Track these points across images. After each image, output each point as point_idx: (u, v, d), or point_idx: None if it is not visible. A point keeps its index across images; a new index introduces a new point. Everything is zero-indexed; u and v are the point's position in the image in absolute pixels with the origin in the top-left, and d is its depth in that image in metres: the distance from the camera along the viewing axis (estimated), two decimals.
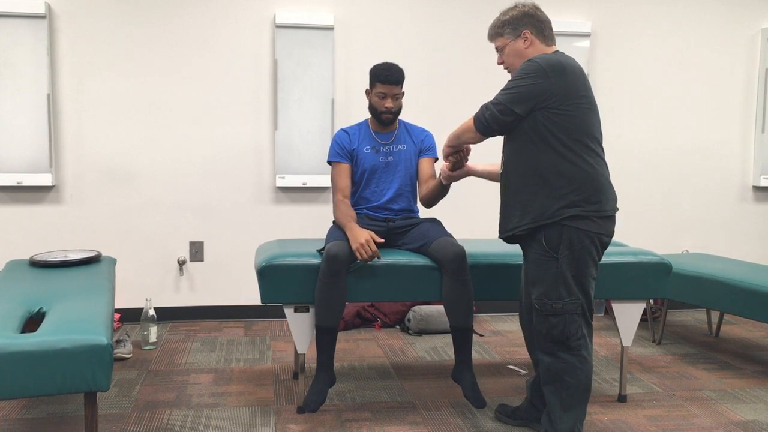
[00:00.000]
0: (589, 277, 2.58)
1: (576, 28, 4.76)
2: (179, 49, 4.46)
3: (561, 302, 2.55)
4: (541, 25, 2.63)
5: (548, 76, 2.48)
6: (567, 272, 2.54)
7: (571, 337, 2.57)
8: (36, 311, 2.66)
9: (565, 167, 2.51)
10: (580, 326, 2.58)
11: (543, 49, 2.63)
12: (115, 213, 4.47)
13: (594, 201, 2.53)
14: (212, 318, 4.66)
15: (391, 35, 4.66)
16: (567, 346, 2.57)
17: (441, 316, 4.33)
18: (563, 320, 2.56)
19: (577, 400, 2.60)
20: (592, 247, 2.55)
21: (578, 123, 2.52)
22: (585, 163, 2.53)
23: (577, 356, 2.58)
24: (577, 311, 2.57)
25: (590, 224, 2.52)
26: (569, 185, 2.51)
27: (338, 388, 3.39)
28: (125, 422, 3.00)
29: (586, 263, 2.56)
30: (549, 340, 2.60)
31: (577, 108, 2.51)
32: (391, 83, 3.17)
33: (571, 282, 2.55)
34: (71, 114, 4.39)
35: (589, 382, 2.62)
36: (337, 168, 3.29)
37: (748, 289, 3.59)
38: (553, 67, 2.49)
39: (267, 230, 4.55)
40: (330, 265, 2.94)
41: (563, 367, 2.58)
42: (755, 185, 5.15)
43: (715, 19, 5.01)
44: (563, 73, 2.50)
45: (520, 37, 2.62)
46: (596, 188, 2.53)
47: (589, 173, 2.53)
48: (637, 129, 4.99)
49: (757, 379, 3.66)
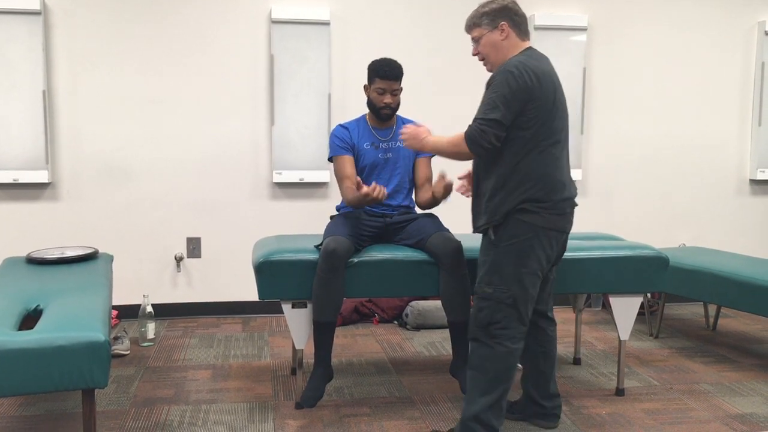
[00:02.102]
0: (526, 271, 2.60)
1: (573, 23, 4.76)
2: (175, 45, 4.45)
3: (492, 288, 2.60)
4: (518, 19, 2.67)
5: (525, 79, 2.51)
6: (507, 261, 2.59)
7: (495, 324, 2.61)
8: (33, 308, 2.66)
9: (521, 166, 2.56)
10: (507, 318, 2.60)
11: (517, 43, 2.66)
12: (111, 209, 4.47)
13: (544, 197, 2.58)
14: (210, 314, 4.66)
15: (386, 30, 4.65)
16: (490, 334, 2.61)
17: (438, 311, 4.33)
18: (490, 306, 2.61)
19: (493, 388, 2.62)
20: (536, 240, 2.59)
21: (539, 124, 2.56)
22: (540, 162, 2.57)
23: (498, 345, 2.61)
24: (506, 301, 2.59)
25: (536, 218, 2.57)
26: (522, 184, 2.56)
27: (336, 384, 3.39)
28: (123, 419, 3.00)
29: (527, 256, 2.59)
30: (475, 323, 2.66)
31: (539, 110, 2.55)
32: (391, 79, 3.16)
33: (508, 271, 2.59)
34: (67, 111, 4.38)
35: (508, 374, 2.63)
36: (341, 160, 3.24)
37: (745, 282, 3.59)
38: (528, 72, 2.53)
39: (264, 226, 4.55)
40: (328, 261, 2.93)
41: (484, 353, 2.63)
42: (752, 178, 5.15)
43: (712, 12, 5.01)
44: (537, 76, 2.54)
45: (497, 29, 2.65)
46: (549, 185, 2.58)
47: (543, 171, 2.57)
48: (633, 123, 4.99)
49: (754, 372, 3.67)
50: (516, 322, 2.62)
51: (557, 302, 4.83)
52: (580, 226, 4.75)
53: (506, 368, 2.63)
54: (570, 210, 2.68)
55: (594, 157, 4.96)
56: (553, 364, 2.93)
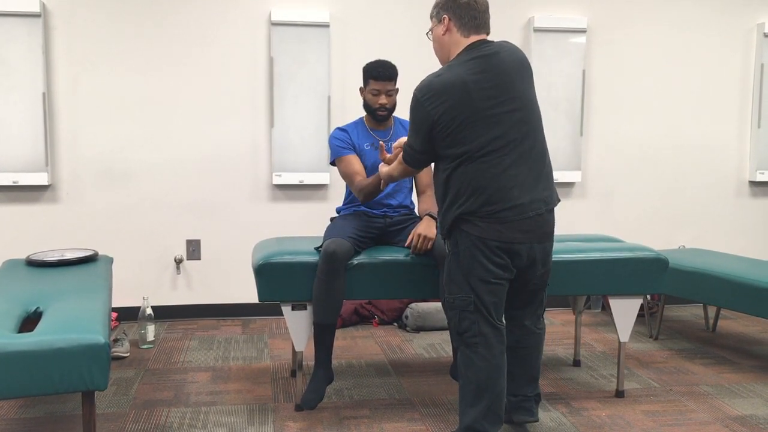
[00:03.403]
0: (476, 278, 2.53)
1: (572, 25, 4.76)
2: (175, 47, 4.45)
3: (452, 297, 2.60)
4: (460, 11, 2.49)
5: (424, 106, 2.48)
6: (457, 270, 2.58)
7: (466, 332, 2.57)
8: (33, 311, 2.66)
9: (451, 182, 2.52)
10: (474, 324, 2.54)
11: (458, 39, 2.52)
12: (111, 211, 4.46)
13: (477, 209, 2.48)
14: (210, 316, 4.66)
15: (386, 32, 4.65)
16: (464, 341, 2.59)
17: (438, 313, 4.33)
18: (456, 314, 2.59)
19: (478, 397, 2.56)
20: (476, 250, 2.51)
21: (464, 136, 2.46)
22: (472, 175, 2.48)
23: (474, 353, 2.56)
24: (468, 308, 2.54)
25: (473, 228, 2.51)
26: (457, 198, 2.51)
27: (336, 386, 3.39)
28: (123, 421, 2.99)
29: (472, 265, 2.53)
30: (452, 331, 2.69)
31: (449, 129, 2.47)
32: (384, 79, 3.16)
33: (460, 280, 2.56)
34: (67, 112, 4.38)
35: (490, 381, 2.55)
36: (346, 160, 3.23)
37: (744, 284, 3.59)
38: (428, 95, 2.46)
39: (264, 228, 4.54)
40: (328, 263, 2.94)
41: (463, 360, 2.60)
42: (751, 180, 5.15)
43: (711, 14, 5.01)
44: (438, 97, 2.45)
45: (441, 22, 2.54)
46: (483, 197, 2.47)
47: (477, 184, 2.47)
48: (632, 124, 4.99)
49: (753, 373, 3.67)
50: (486, 326, 2.55)
51: (557, 304, 4.86)
52: (579, 228, 4.78)
53: (488, 376, 2.55)
54: (518, 218, 2.48)
55: (593, 159, 4.96)
56: (528, 367, 2.81)
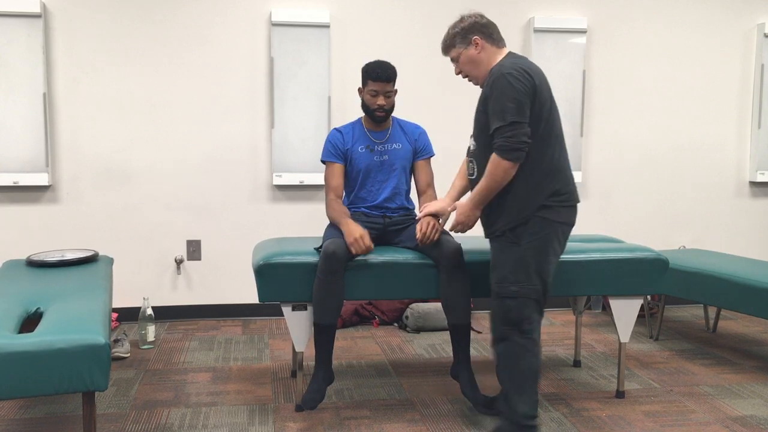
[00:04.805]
0: (549, 265, 2.70)
1: (572, 25, 4.76)
2: (175, 48, 4.46)
3: (518, 285, 2.66)
4: (488, 30, 2.77)
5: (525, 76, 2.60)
6: (529, 258, 2.65)
7: (525, 320, 2.68)
8: (33, 311, 2.66)
9: (544, 163, 2.65)
10: (533, 311, 2.69)
11: (494, 51, 2.76)
12: (111, 212, 4.47)
13: (563, 192, 2.69)
14: (210, 317, 4.66)
15: (386, 33, 4.65)
16: (520, 330, 2.68)
17: (439, 313, 4.33)
18: (519, 303, 2.67)
19: (529, 383, 2.70)
20: (554, 236, 2.68)
21: (545, 120, 2.65)
22: (555, 156, 2.68)
23: (528, 340, 2.69)
24: (533, 296, 2.67)
25: (556, 214, 2.67)
26: (545, 178, 2.65)
27: (336, 386, 3.39)
28: (123, 422, 3.00)
29: (547, 251, 2.68)
30: (505, 323, 2.70)
31: (543, 106, 2.64)
32: (383, 80, 3.15)
33: (531, 268, 2.66)
34: (67, 113, 4.38)
35: (538, 365, 2.73)
36: (330, 168, 3.27)
37: (745, 284, 3.59)
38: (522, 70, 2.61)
39: (264, 228, 4.56)
40: (328, 263, 2.94)
41: (516, 351, 2.69)
42: (752, 181, 5.15)
43: (711, 14, 5.01)
44: (532, 72, 2.63)
45: (471, 44, 2.77)
46: (565, 178, 2.71)
47: (559, 165, 2.69)
48: (633, 125, 4.99)
49: (754, 374, 3.67)
50: (537, 314, 2.71)
51: (557, 304, 4.86)
52: (579, 228, 4.76)
53: (537, 360, 2.72)
54: (577, 202, 2.78)
55: (593, 159, 4.96)
56: None
